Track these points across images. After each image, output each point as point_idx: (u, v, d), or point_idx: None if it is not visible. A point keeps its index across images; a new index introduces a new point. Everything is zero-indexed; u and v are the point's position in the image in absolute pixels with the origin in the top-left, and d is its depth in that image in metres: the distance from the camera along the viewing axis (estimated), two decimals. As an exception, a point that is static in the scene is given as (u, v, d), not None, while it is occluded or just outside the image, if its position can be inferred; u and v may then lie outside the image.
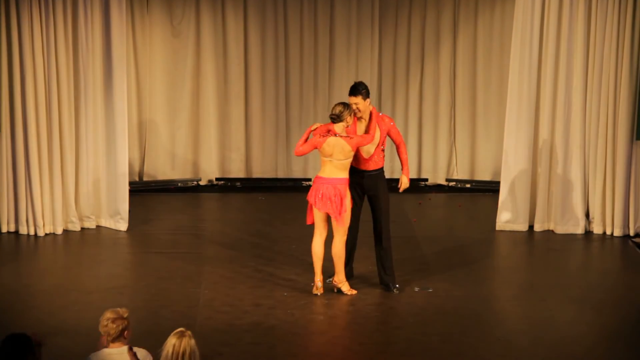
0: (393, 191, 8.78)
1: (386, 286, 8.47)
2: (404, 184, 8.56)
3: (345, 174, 8.13)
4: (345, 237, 8.22)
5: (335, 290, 8.31)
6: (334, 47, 12.71)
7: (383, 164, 8.49)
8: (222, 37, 12.61)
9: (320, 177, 8.14)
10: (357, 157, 8.32)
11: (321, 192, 8.10)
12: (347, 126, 8.10)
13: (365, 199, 8.55)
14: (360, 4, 12.61)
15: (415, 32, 12.71)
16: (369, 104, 8.29)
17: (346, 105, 8.10)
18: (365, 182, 8.40)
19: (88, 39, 10.16)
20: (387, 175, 12.65)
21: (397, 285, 8.47)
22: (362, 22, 12.65)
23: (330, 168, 8.10)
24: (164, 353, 5.19)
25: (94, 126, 10.35)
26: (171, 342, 5.16)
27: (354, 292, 8.34)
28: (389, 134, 8.39)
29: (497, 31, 12.47)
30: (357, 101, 8.18)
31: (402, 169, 8.57)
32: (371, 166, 8.38)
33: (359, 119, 8.30)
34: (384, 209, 8.43)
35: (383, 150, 8.44)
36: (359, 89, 8.19)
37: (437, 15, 12.66)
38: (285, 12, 12.60)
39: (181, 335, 5.16)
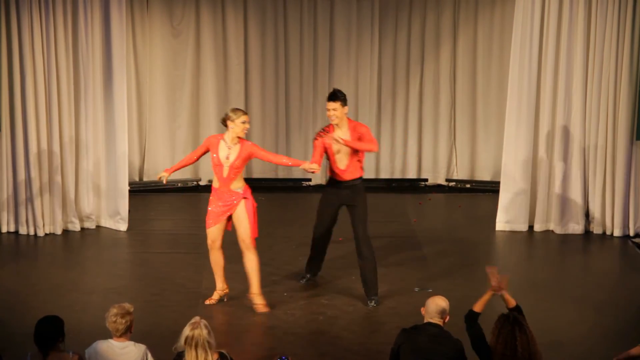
0: (394, 191, 8.79)
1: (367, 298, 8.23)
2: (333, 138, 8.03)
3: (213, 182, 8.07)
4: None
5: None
6: (333, 47, 12.72)
7: (361, 173, 8.28)
8: (222, 38, 12.62)
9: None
10: (332, 168, 8.22)
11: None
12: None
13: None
14: (360, 5, 12.61)
15: (415, 32, 12.72)
16: (346, 113, 8.12)
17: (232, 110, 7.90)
18: (341, 193, 8.26)
19: (88, 39, 10.16)
20: (387, 175, 12.88)
21: (375, 299, 8.17)
22: (362, 22, 12.65)
23: None
24: (179, 341, 5.34)
25: (94, 126, 10.36)
26: (185, 333, 5.34)
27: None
28: (360, 138, 8.11)
29: (497, 31, 12.48)
30: (335, 106, 8.01)
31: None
32: (347, 176, 8.20)
33: (335, 125, 8.10)
34: (362, 220, 8.22)
35: (359, 161, 8.24)
36: (337, 94, 8.03)
37: (437, 15, 12.67)
38: (285, 12, 12.61)
39: (194, 326, 5.32)
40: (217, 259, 8.08)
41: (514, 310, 5.85)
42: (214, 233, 7.99)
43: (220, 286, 8.14)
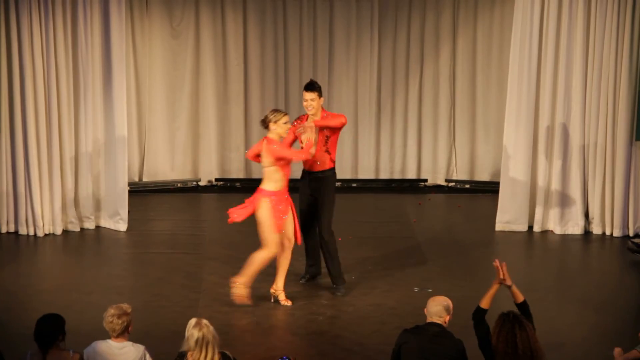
0: (393, 191, 8.79)
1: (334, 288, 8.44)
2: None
3: (265, 185, 8.00)
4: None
5: (272, 299, 8.22)
6: (333, 47, 12.71)
7: (330, 165, 8.35)
8: (221, 38, 12.62)
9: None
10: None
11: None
12: (281, 138, 7.98)
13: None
14: (359, 5, 12.61)
15: (414, 32, 12.72)
16: (322, 104, 8.28)
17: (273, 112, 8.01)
18: (310, 184, 8.35)
19: (88, 39, 10.16)
20: (387, 176, 12.87)
21: (340, 289, 8.39)
22: (361, 22, 12.65)
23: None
24: (189, 344, 5.27)
25: (94, 127, 10.35)
26: (194, 335, 5.28)
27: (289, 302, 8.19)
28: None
29: (497, 31, 12.48)
30: (313, 97, 8.16)
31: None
32: (316, 167, 8.30)
33: (311, 115, 8.24)
34: (326, 211, 8.32)
35: (328, 152, 8.30)
36: (315, 85, 8.20)
37: (436, 15, 12.66)
38: (285, 12, 12.60)
39: (201, 326, 5.27)
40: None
41: (521, 305, 5.85)
42: (279, 240, 8.06)
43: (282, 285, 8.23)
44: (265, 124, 7.95)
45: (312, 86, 8.22)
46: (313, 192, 8.40)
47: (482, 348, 5.65)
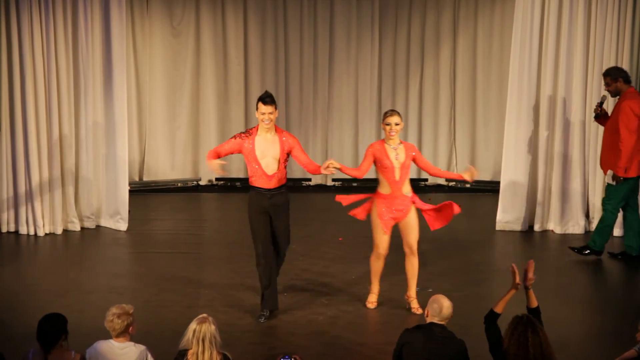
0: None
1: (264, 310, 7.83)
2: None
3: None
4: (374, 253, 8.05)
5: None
6: (333, 47, 12.72)
7: (286, 180, 7.85)
8: (222, 38, 12.63)
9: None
10: (255, 174, 7.70)
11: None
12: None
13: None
14: (360, 4, 12.62)
15: (415, 32, 12.72)
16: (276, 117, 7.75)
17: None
18: (270, 201, 7.69)
19: (88, 39, 10.16)
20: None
21: (266, 315, 7.79)
22: (362, 22, 12.66)
23: None
24: (185, 338, 5.35)
25: (94, 126, 10.36)
26: (192, 327, 5.35)
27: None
28: (291, 152, 7.72)
29: (497, 31, 12.49)
30: (271, 110, 7.58)
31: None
32: (275, 183, 7.70)
33: (267, 129, 7.61)
34: (288, 236, 7.90)
35: (286, 167, 7.79)
36: (273, 98, 7.65)
37: (437, 15, 12.67)
38: (285, 12, 12.61)
39: (202, 321, 5.37)
40: (381, 266, 8.07)
41: (534, 311, 5.83)
42: (387, 242, 7.98)
43: (378, 289, 8.16)
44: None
45: (271, 99, 7.61)
46: (270, 210, 7.73)
47: (492, 352, 5.63)
